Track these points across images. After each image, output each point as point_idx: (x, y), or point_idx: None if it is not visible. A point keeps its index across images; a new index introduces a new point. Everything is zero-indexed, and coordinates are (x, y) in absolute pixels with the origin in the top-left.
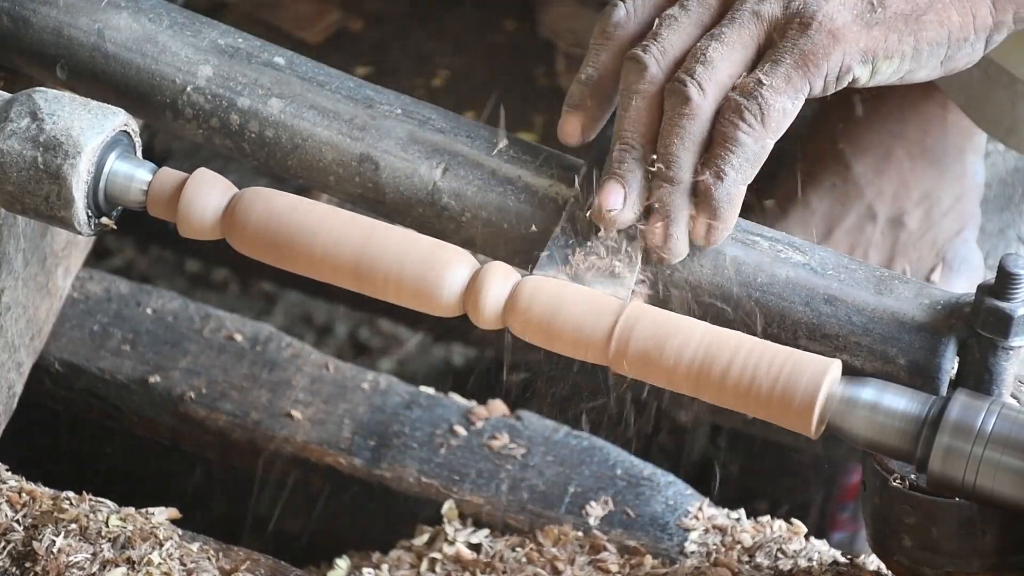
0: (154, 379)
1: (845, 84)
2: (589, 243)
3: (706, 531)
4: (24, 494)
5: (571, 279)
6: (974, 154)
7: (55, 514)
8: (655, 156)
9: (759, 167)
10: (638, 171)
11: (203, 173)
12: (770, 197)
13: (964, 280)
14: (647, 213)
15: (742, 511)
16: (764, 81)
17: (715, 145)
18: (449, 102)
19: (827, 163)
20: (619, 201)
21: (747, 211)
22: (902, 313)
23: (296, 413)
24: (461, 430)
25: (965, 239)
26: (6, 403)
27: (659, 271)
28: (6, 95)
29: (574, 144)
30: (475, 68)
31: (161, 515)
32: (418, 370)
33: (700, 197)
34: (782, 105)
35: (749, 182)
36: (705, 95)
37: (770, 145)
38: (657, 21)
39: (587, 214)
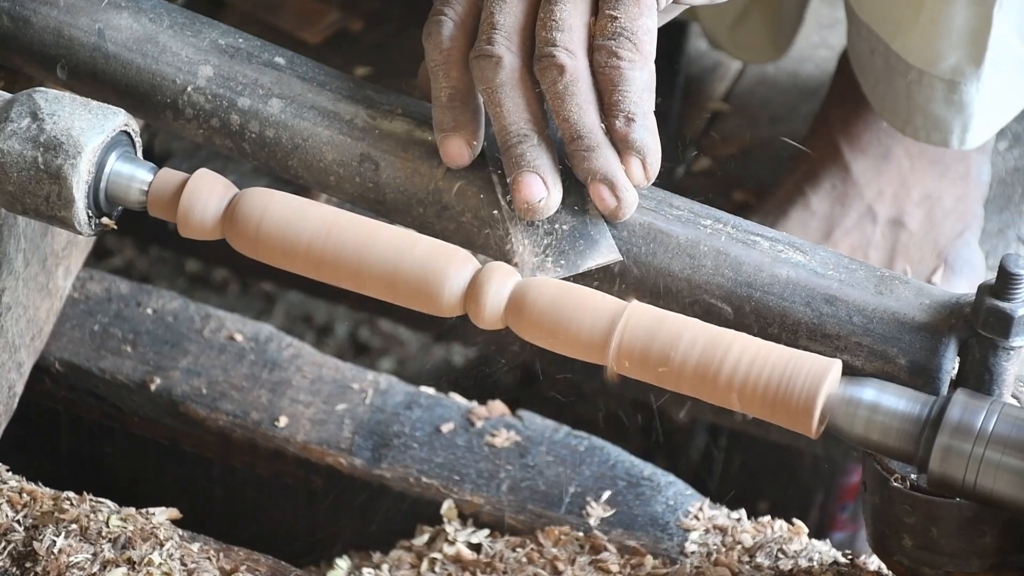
0: (154, 379)
1: None
2: (546, 228)
3: (706, 531)
4: (24, 494)
5: (556, 265)
6: (979, 154)
7: (55, 514)
8: (560, 133)
9: (654, 91)
10: (543, 154)
11: (203, 173)
12: (770, 197)
13: (965, 282)
14: (586, 185)
15: (742, 511)
16: (617, 15)
17: (608, 94)
18: None
19: (827, 163)
20: (541, 189)
21: (747, 211)
22: (902, 313)
23: (283, 419)
24: (461, 430)
25: (967, 240)
26: (6, 403)
27: (659, 272)
28: (6, 95)
29: (464, 165)
30: None
31: (161, 515)
32: (418, 370)
33: (622, 145)
34: (645, 26)
35: (654, 108)
36: (575, 56)
37: (653, 67)
38: (485, 11)
39: (517, 214)
